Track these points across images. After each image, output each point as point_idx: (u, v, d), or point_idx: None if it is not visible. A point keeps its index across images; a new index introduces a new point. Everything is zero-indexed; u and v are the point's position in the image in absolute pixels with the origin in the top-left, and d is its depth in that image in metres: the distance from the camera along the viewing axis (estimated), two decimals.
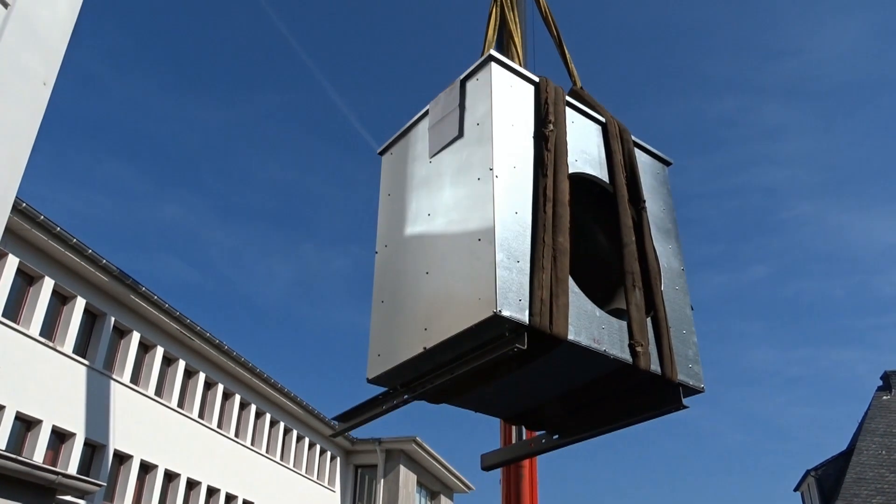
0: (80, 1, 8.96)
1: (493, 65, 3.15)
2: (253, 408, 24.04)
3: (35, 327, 15.82)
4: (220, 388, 22.40)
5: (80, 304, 17.07)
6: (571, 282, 2.86)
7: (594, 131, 3.52)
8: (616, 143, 3.49)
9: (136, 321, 18.94)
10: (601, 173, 3.41)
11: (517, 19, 5.05)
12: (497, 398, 3.43)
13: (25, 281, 16.01)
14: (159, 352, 19.78)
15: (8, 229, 14.88)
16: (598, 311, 2.93)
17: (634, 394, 3.24)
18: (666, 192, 3.69)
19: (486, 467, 4.11)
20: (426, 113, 3.49)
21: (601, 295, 3.18)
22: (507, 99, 3.14)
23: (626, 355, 2.91)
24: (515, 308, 2.64)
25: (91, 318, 17.81)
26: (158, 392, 19.78)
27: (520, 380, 3.18)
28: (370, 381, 3.14)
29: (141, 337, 19.10)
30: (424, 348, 2.86)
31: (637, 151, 3.63)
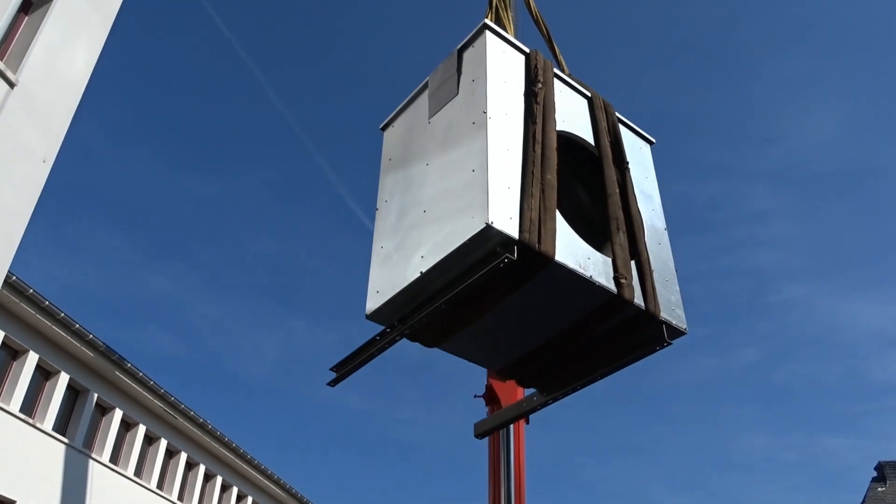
0: (85, 82, 9.20)
1: (488, 32, 3.41)
2: (234, 490, 23.35)
3: (16, 403, 15.48)
4: (202, 468, 21.81)
5: (63, 379, 16.77)
6: (559, 214, 2.98)
7: (580, 102, 3.70)
8: (601, 114, 3.67)
9: (119, 398, 18.58)
10: (587, 137, 3.57)
11: (511, 21, 5.23)
12: (488, 342, 3.46)
13: (9, 355, 15.78)
14: (141, 430, 19.33)
15: None
16: (583, 244, 3.05)
17: (618, 337, 3.30)
18: (649, 164, 3.86)
19: (480, 434, 4.10)
20: (426, 85, 3.69)
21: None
22: (500, 61, 3.35)
23: (610, 285, 3.00)
24: (506, 223, 2.76)
25: (73, 395, 17.46)
26: (138, 472, 19.23)
27: (509, 317, 3.23)
28: (368, 317, 3.20)
29: (123, 414, 18.70)
30: (421, 272, 2.95)
31: (621, 127, 3.80)
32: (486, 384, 5.74)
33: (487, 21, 3.47)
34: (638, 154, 3.83)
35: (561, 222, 3.00)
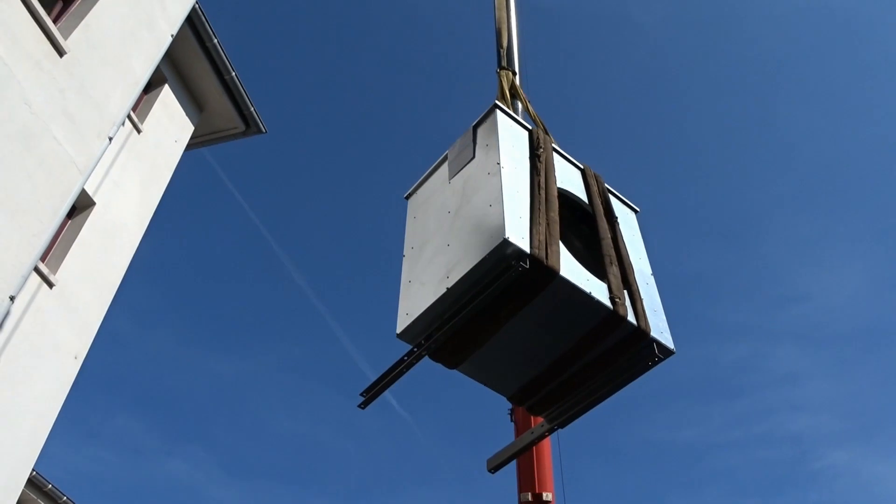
0: (120, 280, 9.57)
1: (498, 111, 4.13)
2: None
3: None
4: None
5: None
6: (562, 245, 3.46)
7: (575, 172, 4.33)
8: (593, 181, 4.29)
9: None
10: (581, 196, 4.15)
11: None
12: (501, 364, 3.82)
13: None
14: None
15: None
16: (583, 269, 3.50)
17: (613, 359, 3.68)
18: (635, 227, 4.39)
19: (493, 468, 4.34)
20: (444, 158, 4.31)
21: None
22: (509, 131, 4.03)
23: (607, 303, 3.45)
24: (520, 241, 3.26)
25: None
26: None
27: (518, 339, 3.63)
28: (399, 336, 3.61)
29: None
30: (447, 288, 3.40)
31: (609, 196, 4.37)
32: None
33: (497, 102, 4.19)
34: (625, 217, 4.36)
35: (563, 250, 3.48)
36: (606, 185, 4.37)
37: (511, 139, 3.97)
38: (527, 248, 3.25)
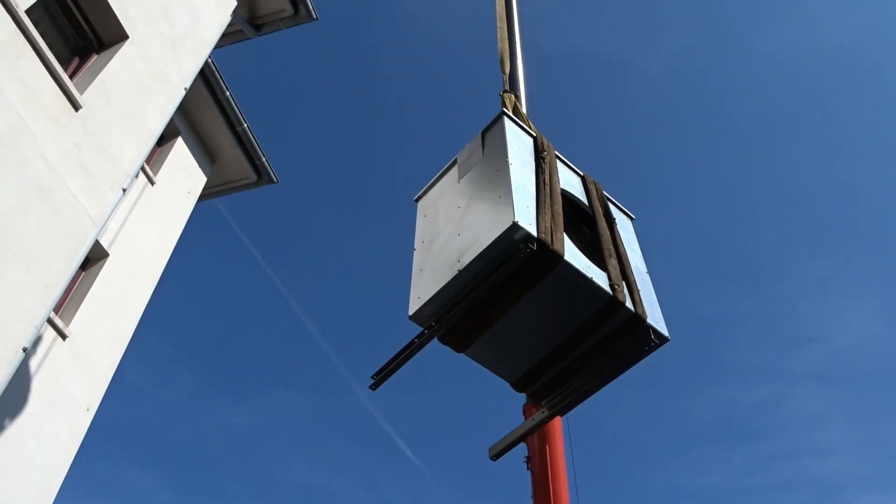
0: (132, 332, 9.58)
1: (505, 118, 4.36)
2: None
3: None
4: None
5: None
6: (565, 235, 3.62)
7: (576, 177, 4.53)
8: (592, 187, 4.50)
9: None
10: (582, 199, 4.35)
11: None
12: (506, 349, 3.95)
13: None
14: None
15: None
16: (584, 257, 3.68)
17: (611, 346, 3.82)
18: (631, 232, 4.56)
19: (495, 455, 4.43)
20: (453, 162, 4.48)
21: None
22: (516, 136, 4.25)
23: (607, 289, 3.61)
24: (527, 224, 3.45)
25: None
26: None
27: (522, 324, 3.79)
28: (411, 318, 3.76)
29: None
30: (458, 270, 3.56)
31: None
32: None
33: (505, 109, 4.46)
34: (622, 222, 4.55)
35: (567, 239, 3.64)
36: (605, 192, 4.61)
37: (518, 142, 4.18)
38: (534, 232, 3.45)
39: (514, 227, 3.41)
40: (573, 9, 37.30)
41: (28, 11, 6.73)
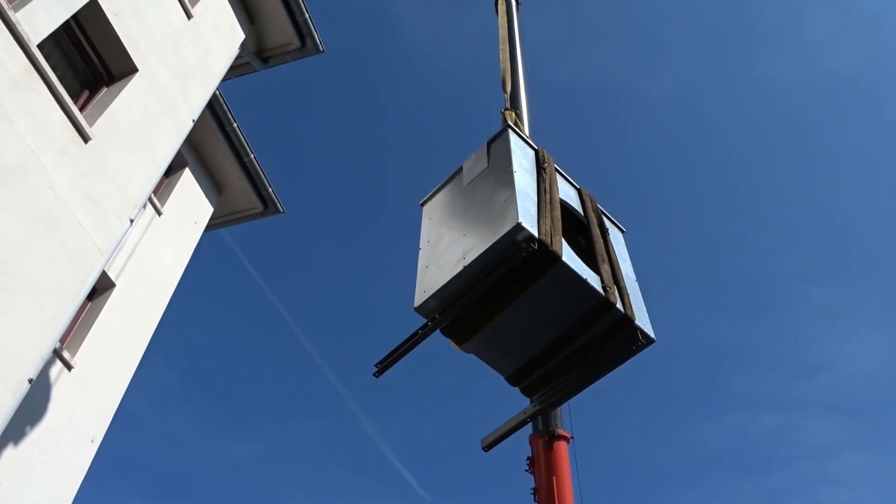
0: (138, 361, 9.57)
1: (510, 130, 4.61)
2: None
3: None
4: None
5: None
6: (563, 240, 3.85)
7: (573, 190, 4.78)
8: (587, 199, 4.76)
9: None
10: (577, 209, 4.59)
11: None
12: (503, 344, 4.15)
13: None
14: None
15: None
16: (580, 261, 3.92)
17: (601, 346, 4.03)
18: (622, 243, 4.78)
19: (486, 447, 4.59)
20: (459, 170, 4.72)
21: None
22: (519, 147, 4.51)
23: (600, 290, 3.85)
24: (530, 226, 3.67)
25: None
26: None
27: (520, 320, 3.98)
28: (416, 310, 3.95)
29: None
30: (464, 266, 3.78)
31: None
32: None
33: (509, 123, 4.76)
34: (614, 234, 4.79)
35: (564, 242, 3.86)
36: (599, 205, 4.91)
37: (521, 153, 4.47)
38: (536, 234, 3.69)
39: (518, 227, 3.65)
40: (576, 38, 37.72)
41: (40, 45, 6.83)
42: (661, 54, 37.80)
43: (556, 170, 4.66)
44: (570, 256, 3.86)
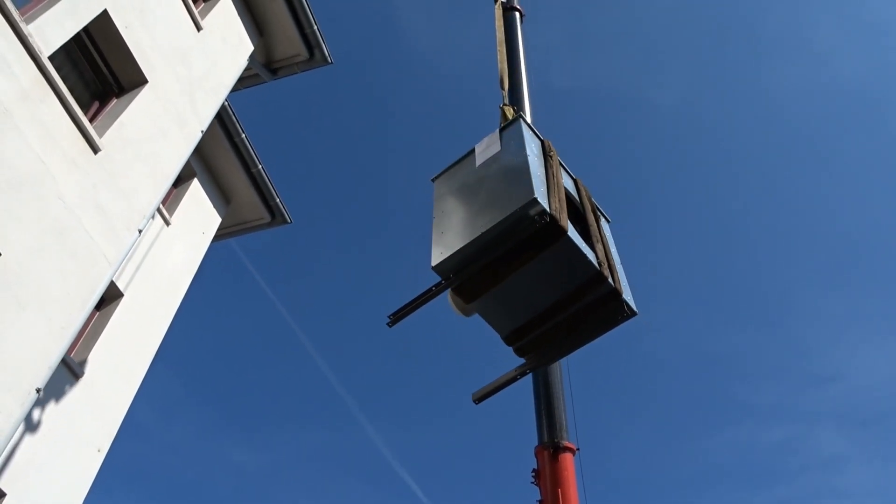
0: (145, 371, 9.59)
1: (521, 121, 5.04)
2: None
3: None
4: None
5: None
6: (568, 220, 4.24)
7: (570, 180, 5.16)
8: (583, 188, 5.21)
9: None
10: (575, 196, 4.96)
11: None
12: (506, 305, 4.52)
13: None
14: None
15: None
16: (580, 238, 4.29)
17: (590, 314, 4.48)
18: (609, 233, 5.10)
19: (477, 399, 4.86)
20: (470, 152, 5.08)
21: None
22: (529, 135, 4.90)
23: (596, 264, 4.25)
24: (543, 201, 4.06)
25: None
26: None
27: (523, 285, 4.34)
28: (433, 268, 4.30)
29: None
30: (482, 231, 4.15)
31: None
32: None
33: (521, 114, 5.17)
34: (602, 223, 5.16)
35: (569, 223, 4.23)
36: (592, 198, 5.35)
37: (531, 141, 4.86)
38: (548, 208, 4.07)
39: (534, 202, 4.04)
40: (583, 45, 37.80)
41: (51, 57, 6.90)
42: (667, 62, 37.87)
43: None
44: (573, 232, 4.25)
